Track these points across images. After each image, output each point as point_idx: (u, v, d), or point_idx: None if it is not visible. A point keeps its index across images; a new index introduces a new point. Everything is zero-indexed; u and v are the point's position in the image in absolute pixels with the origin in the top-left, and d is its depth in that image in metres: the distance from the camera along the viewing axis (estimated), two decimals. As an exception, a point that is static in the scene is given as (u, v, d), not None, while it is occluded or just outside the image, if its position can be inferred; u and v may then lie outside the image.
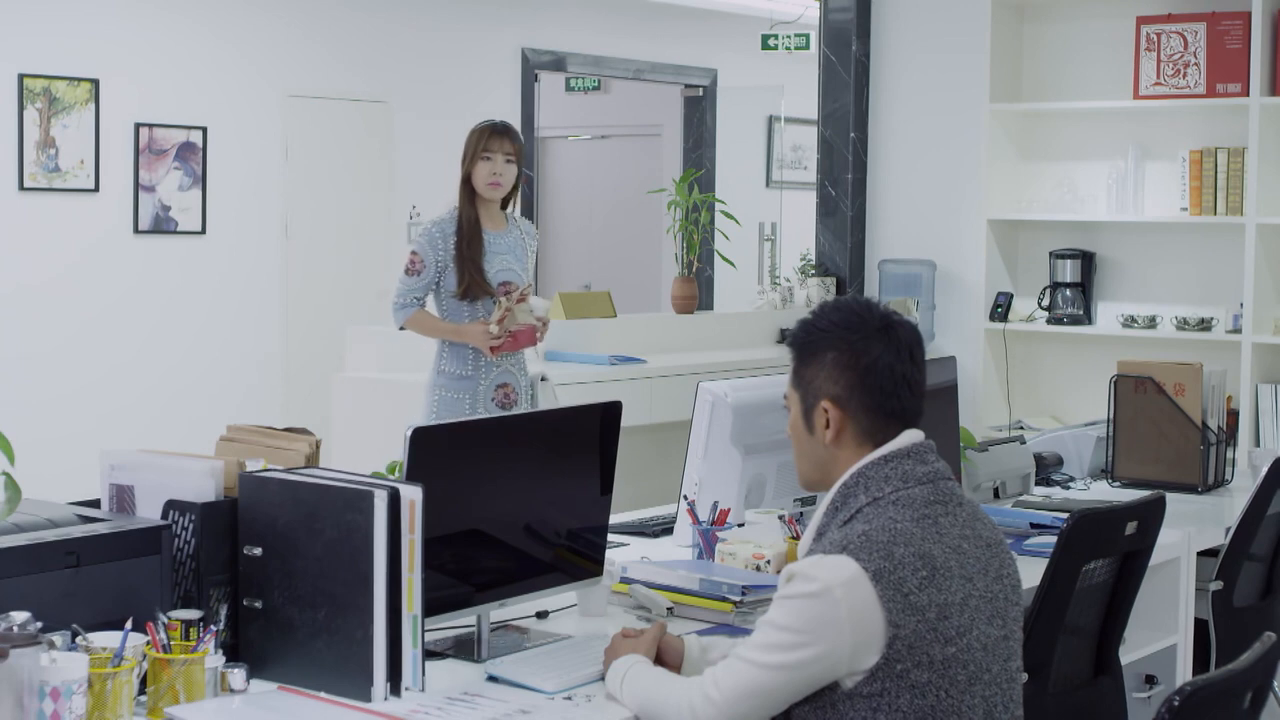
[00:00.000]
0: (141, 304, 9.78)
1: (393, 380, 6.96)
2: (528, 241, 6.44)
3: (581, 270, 13.21)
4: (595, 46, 12.43)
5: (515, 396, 6.23)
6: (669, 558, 4.10)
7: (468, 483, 3.32)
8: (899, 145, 9.10)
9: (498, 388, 6.20)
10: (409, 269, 6.27)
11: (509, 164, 6.32)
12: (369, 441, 6.41)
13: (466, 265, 6.19)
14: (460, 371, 6.19)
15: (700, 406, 4.37)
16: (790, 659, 2.79)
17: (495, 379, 6.19)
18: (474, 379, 6.17)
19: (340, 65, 10.74)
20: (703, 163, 12.90)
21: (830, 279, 9.15)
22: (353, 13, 10.81)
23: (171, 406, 9.73)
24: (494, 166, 6.30)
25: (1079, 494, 5.33)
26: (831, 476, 3.00)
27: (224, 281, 10.17)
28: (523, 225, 6.49)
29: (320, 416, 7.14)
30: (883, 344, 2.99)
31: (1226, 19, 8.11)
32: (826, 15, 9.24)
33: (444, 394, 6.17)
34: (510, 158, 6.32)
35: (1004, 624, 2.95)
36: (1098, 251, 8.64)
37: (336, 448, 6.77)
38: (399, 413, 6.27)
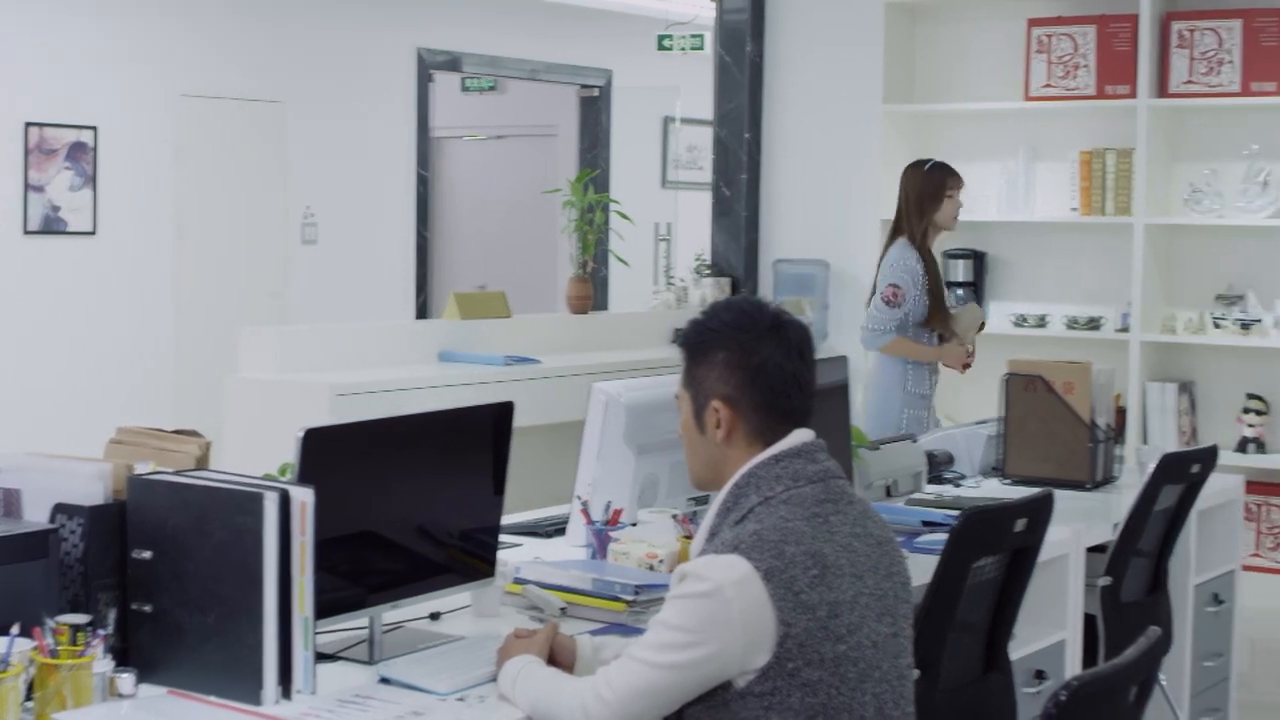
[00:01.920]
0: (31, 305, 9.68)
1: (286, 381, 6.91)
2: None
3: (476, 270, 13.17)
4: (491, 47, 12.41)
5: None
6: (562, 558, 4.10)
7: (360, 484, 3.30)
8: (793, 146, 9.14)
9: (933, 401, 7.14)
10: (889, 300, 6.91)
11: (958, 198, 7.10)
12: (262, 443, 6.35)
13: (936, 298, 6.93)
14: (922, 391, 7.05)
15: (594, 406, 4.37)
16: (682, 658, 2.80)
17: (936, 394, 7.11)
18: (930, 395, 7.09)
19: (233, 65, 10.67)
20: (598, 163, 12.91)
21: (725, 279, 9.17)
22: (246, 13, 10.74)
23: (61, 408, 9.63)
24: (956, 203, 7.06)
25: (970, 491, 5.37)
26: (723, 476, 3.01)
27: (115, 282, 10.08)
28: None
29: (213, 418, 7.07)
30: (773, 343, 3.00)
31: (1115, 21, 8.21)
32: (721, 16, 9.26)
33: (913, 412, 6.97)
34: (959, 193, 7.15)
35: (894, 621, 2.97)
36: (989, 251, 8.72)
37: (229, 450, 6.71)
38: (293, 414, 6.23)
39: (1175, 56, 8.11)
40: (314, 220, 11.16)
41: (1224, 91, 8.00)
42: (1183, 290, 8.30)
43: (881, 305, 6.89)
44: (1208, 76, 8.05)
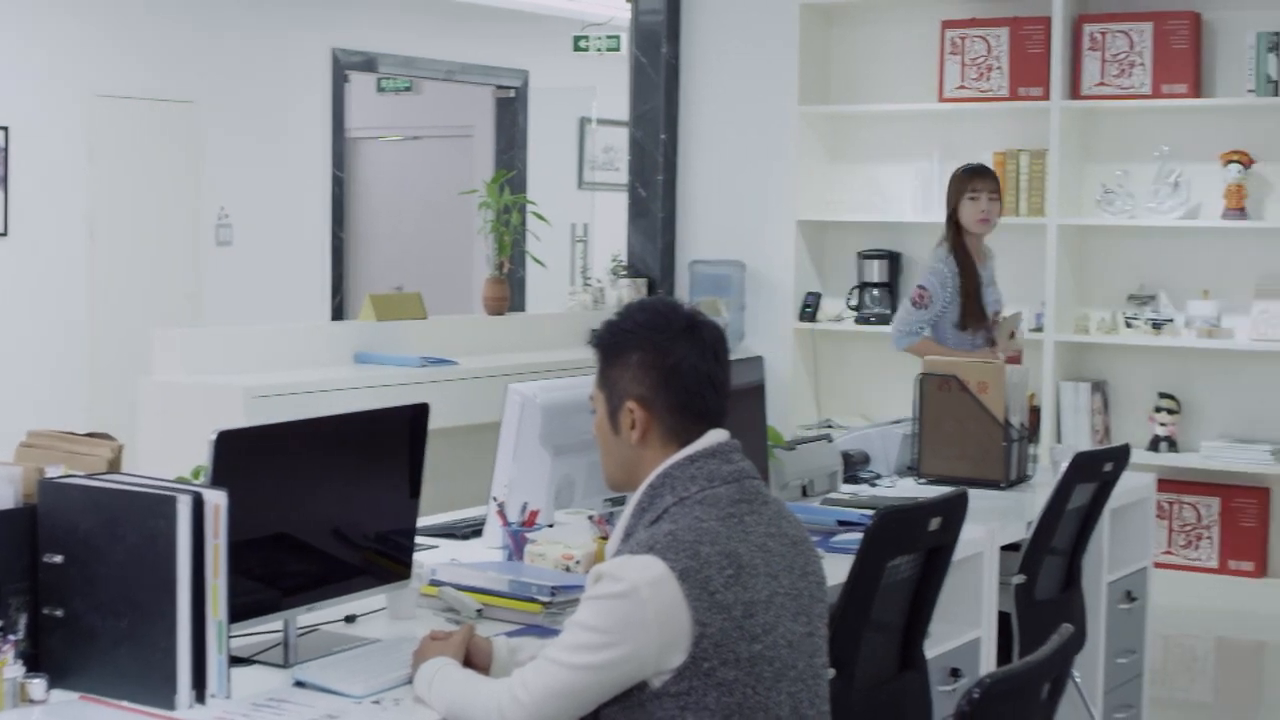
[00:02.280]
0: (-59, 307, 9.58)
1: (201, 384, 6.87)
2: (994, 267, 6.96)
3: (393, 272, 13.13)
4: (406, 47, 12.37)
5: None
6: (479, 559, 4.09)
7: (274, 486, 3.29)
8: (709, 147, 9.16)
9: None
10: (917, 302, 6.77)
11: (993, 201, 6.79)
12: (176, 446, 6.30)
13: (970, 300, 6.74)
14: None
15: (509, 408, 4.37)
16: (598, 659, 2.80)
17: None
18: None
19: (146, 65, 10.58)
20: (514, 164, 12.89)
21: (641, 280, 9.18)
22: (159, 13, 10.66)
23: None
24: (980, 205, 6.77)
25: (885, 491, 5.39)
26: (638, 477, 3.02)
27: (26, 283, 9.98)
28: (989, 253, 6.96)
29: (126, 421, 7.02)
30: (687, 344, 3.01)
31: (1028, 24, 8.28)
32: (637, 17, 9.28)
33: None
34: (994, 196, 6.80)
35: (809, 621, 2.98)
36: (904, 252, 8.77)
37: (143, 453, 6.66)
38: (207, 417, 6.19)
39: (1087, 59, 8.18)
40: (228, 221, 11.09)
41: (1135, 93, 8.07)
42: (1095, 290, 8.38)
43: (909, 306, 6.83)
44: (1119, 78, 8.12)
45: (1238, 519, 7.99)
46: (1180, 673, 7.28)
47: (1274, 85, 7.83)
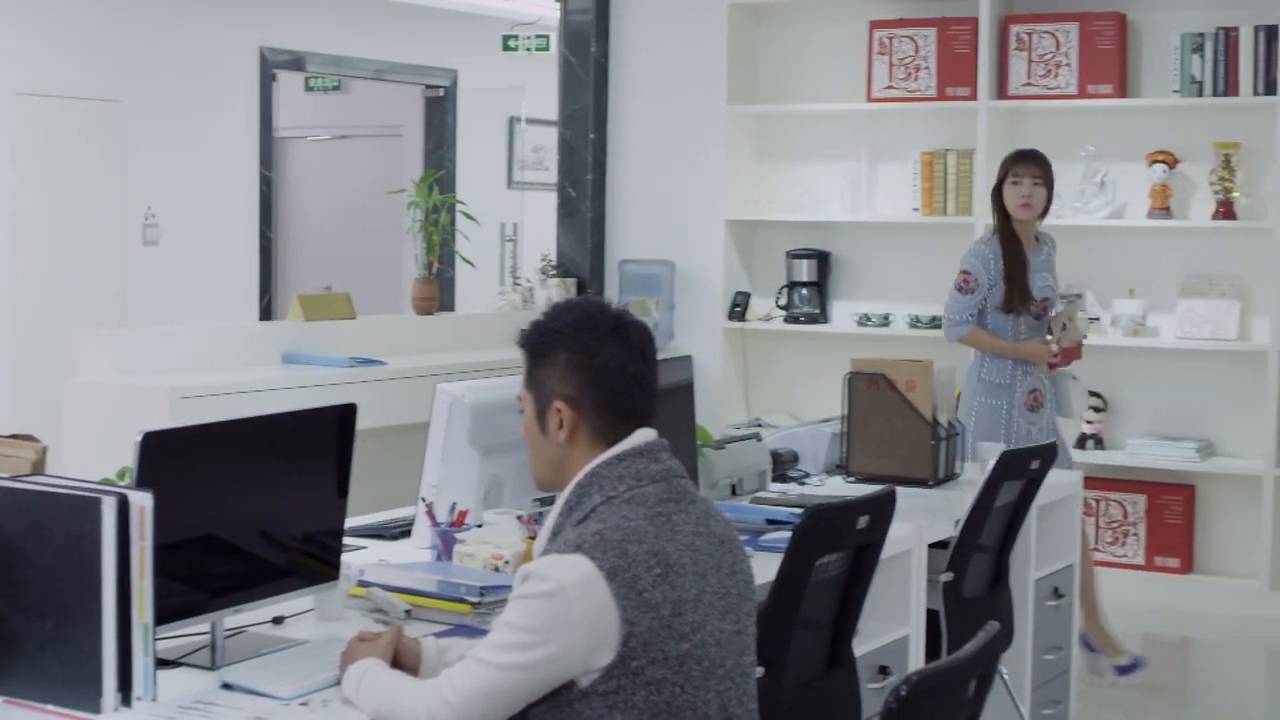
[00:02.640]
0: None
1: (126, 384, 6.82)
2: (1053, 256, 6.77)
3: (321, 272, 13.08)
4: (335, 46, 12.33)
5: (1043, 397, 6.67)
6: (407, 560, 4.08)
7: (200, 488, 3.27)
8: (638, 146, 9.17)
9: (1029, 393, 6.62)
10: (962, 288, 6.60)
11: (1037, 186, 6.58)
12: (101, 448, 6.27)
13: (1013, 282, 6.55)
14: (999, 381, 6.59)
15: (438, 408, 4.36)
16: (525, 659, 2.80)
17: (1028, 385, 6.61)
18: (1010, 387, 6.59)
19: (71, 64, 10.50)
20: (443, 163, 12.86)
21: (571, 279, 9.18)
22: (84, 10, 10.58)
23: (-104, 414, 9.45)
24: (1022, 190, 6.56)
25: (814, 489, 5.40)
26: (566, 476, 3.01)
27: (-50, 284, 9.90)
28: (1048, 241, 6.78)
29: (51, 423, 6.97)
30: (615, 344, 3.01)
31: (955, 24, 8.32)
32: (566, 17, 9.27)
33: (984, 400, 6.60)
34: (1038, 181, 6.59)
35: (737, 619, 2.99)
36: (833, 251, 8.80)
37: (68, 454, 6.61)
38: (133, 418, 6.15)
39: (1014, 59, 8.23)
40: (155, 221, 11.02)
41: (1061, 94, 8.13)
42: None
43: (954, 294, 6.64)
44: (1045, 79, 8.18)
45: (1163, 516, 8.06)
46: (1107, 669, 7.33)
47: (1198, 86, 7.89)
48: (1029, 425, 6.60)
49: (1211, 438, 8.05)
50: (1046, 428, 6.66)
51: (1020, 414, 6.60)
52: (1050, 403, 6.70)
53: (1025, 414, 6.61)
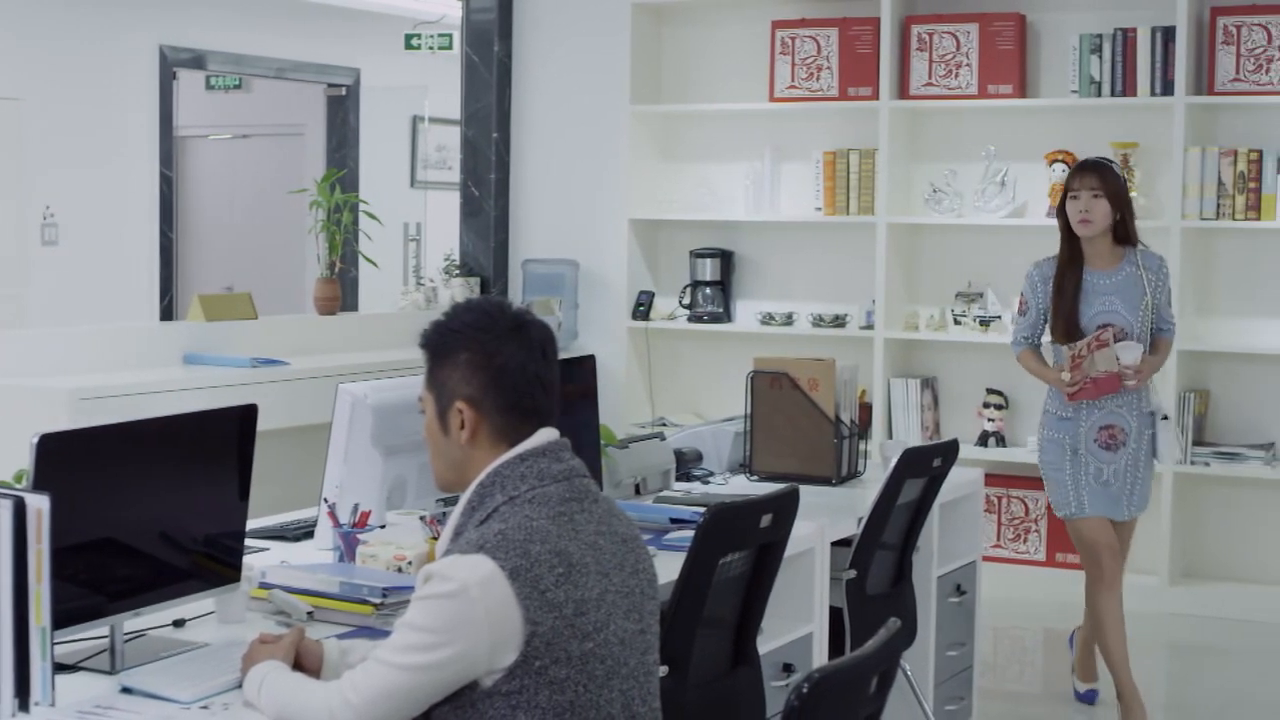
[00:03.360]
0: None
1: (25, 386, 6.74)
2: (1146, 278, 6.13)
3: (223, 272, 12.98)
4: (236, 45, 12.24)
5: (1125, 436, 6.14)
6: (309, 561, 4.06)
7: (99, 490, 3.24)
8: (542, 145, 9.16)
9: (1101, 429, 6.13)
10: (1019, 308, 6.34)
11: (1096, 199, 6.06)
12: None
13: (1056, 309, 6.14)
14: (1061, 412, 6.16)
15: (340, 408, 4.34)
16: (428, 659, 2.79)
17: (1098, 420, 6.12)
18: (1074, 420, 6.12)
19: (-33, 61, 10.39)
20: (346, 162, 12.80)
21: (474, 279, 9.16)
22: (-20, 7, 10.46)
23: None
24: (1080, 204, 6.06)
25: (718, 488, 5.42)
26: (468, 476, 3.01)
27: None
28: (1145, 261, 6.16)
29: (-52, 425, 6.88)
30: (515, 343, 3.00)
31: (857, 24, 8.36)
32: (469, 15, 9.25)
33: (1047, 433, 6.23)
34: (1097, 193, 6.06)
35: (640, 618, 2.99)
36: (736, 250, 8.82)
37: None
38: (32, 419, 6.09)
39: (915, 59, 8.28)
40: (54, 220, 10.91)
41: (962, 94, 8.19)
42: (925, 288, 8.48)
43: (1016, 315, 6.36)
44: (946, 79, 8.23)
45: (1064, 512, 8.12)
46: (1010, 664, 7.39)
47: (1097, 86, 7.97)
48: (1100, 464, 6.12)
49: (1111, 434, 8.12)
50: (1127, 471, 6.14)
51: (1089, 451, 6.11)
52: (1137, 443, 6.13)
53: (1096, 451, 6.12)
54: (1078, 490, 6.14)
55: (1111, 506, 6.16)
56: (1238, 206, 7.78)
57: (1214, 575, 8.01)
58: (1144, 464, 6.19)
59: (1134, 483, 6.16)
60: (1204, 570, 8.02)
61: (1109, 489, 6.14)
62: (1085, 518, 6.15)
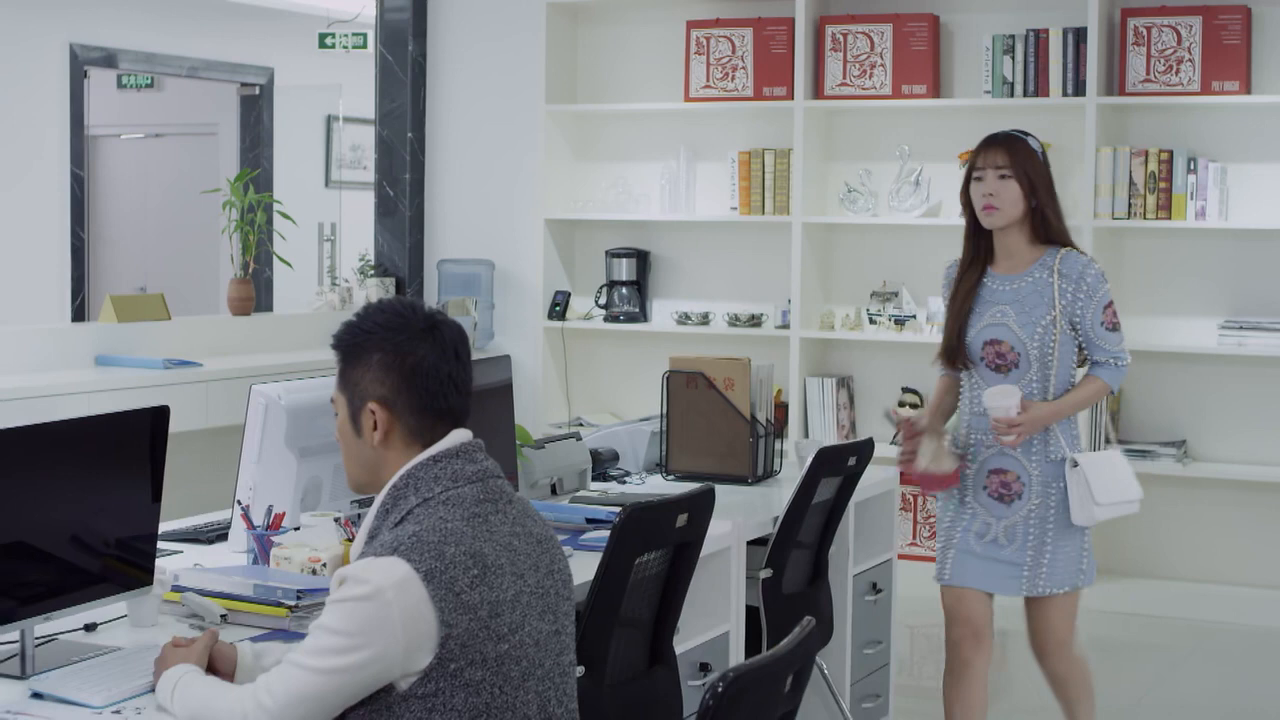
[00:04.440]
0: None
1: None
2: (1060, 287, 4.84)
3: (136, 272, 12.88)
4: (148, 43, 12.14)
5: (1020, 487, 4.91)
6: (223, 564, 4.03)
7: (9, 492, 3.20)
8: (457, 145, 9.14)
9: (991, 473, 4.95)
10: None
11: (1004, 180, 4.85)
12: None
13: (948, 319, 5.01)
14: (976, 409, 4.99)
15: (253, 409, 4.31)
16: (343, 662, 2.78)
17: (988, 461, 4.96)
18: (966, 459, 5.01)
19: (-126, 60, 10.26)
20: (260, 162, 12.72)
21: (390, 279, 9.13)
22: (-114, 5, 10.33)
23: None
24: (985, 186, 4.87)
25: (634, 488, 5.42)
26: (381, 478, 3.00)
27: None
28: (1064, 266, 4.86)
29: None
30: (428, 344, 3.00)
31: (771, 24, 8.38)
32: (383, 15, 9.22)
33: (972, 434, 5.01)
34: (1004, 172, 4.85)
35: (556, 619, 2.99)
36: (652, 250, 8.83)
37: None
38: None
39: (830, 60, 8.31)
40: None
41: (876, 94, 8.22)
42: (840, 287, 8.51)
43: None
44: (861, 79, 8.26)
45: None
46: (925, 661, 7.42)
47: (1009, 86, 8.02)
48: (989, 518, 4.95)
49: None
50: (1028, 533, 4.91)
51: (978, 500, 4.98)
52: (1042, 497, 4.91)
53: (986, 502, 4.97)
54: (946, 550, 5.07)
55: (991, 576, 4.98)
56: (1149, 206, 7.85)
57: (1128, 572, 8.08)
58: (1056, 526, 4.92)
59: (1039, 549, 4.92)
60: (1118, 567, 8.08)
61: (996, 552, 4.96)
62: (948, 586, 5.08)
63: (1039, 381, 4.89)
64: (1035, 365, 4.87)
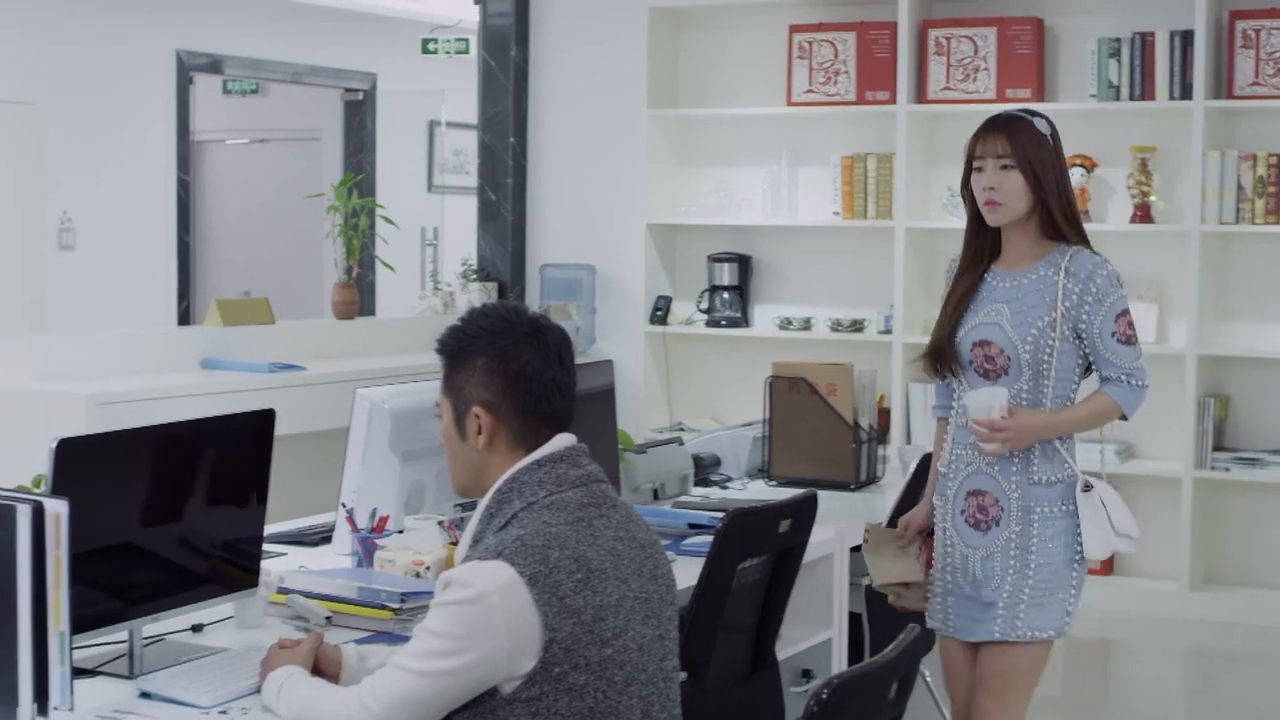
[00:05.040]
0: None
1: (43, 391, 6.75)
2: (1065, 287, 4.15)
3: (240, 276, 13.00)
4: (253, 49, 12.25)
5: (1000, 512, 4.16)
6: (327, 566, 4.06)
7: (118, 495, 3.24)
8: (559, 150, 9.15)
9: (969, 495, 4.21)
10: None
11: (1005, 171, 4.25)
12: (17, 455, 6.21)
13: (940, 319, 4.36)
14: (941, 468, 4.34)
15: (358, 413, 4.34)
16: (447, 665, 2.78)
17: (965, 480, 4.24)
18: (946, 479, 4.29)
19: (-13, 66, 10.40)
20: (363, 167, 12.81)
21: (492, 284, 9.16)
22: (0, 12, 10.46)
23: None
24: (985, 178, 4.29)
25: (736, 493, 5.41)
26: (485, 482, 3.00)
27: None
28: (1072, 265, 4.18)
29: (-34, 429, 6.89)
30: (532, 348, 3.00)
31: (875, 29, 8.34)
32: (485, 20, 9.25)
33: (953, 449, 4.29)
34: (1006, 162, 4.25)
35: (659, 624, 2.98)
36: (754, 255, 8.81)
37: (-16, 461, 6.54)
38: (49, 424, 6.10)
39: (933, 63, 8.26)
40: (71, 225, 10.92)
41: (980, 98, 8.16)
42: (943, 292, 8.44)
43: None
44: (964, 83, 8.21)
45: (1083, 517, 8.08)
46: (1028, 670, 7.36)
47: (1115, 90, 7.95)
48: (967, 549, 4.21)
49: (1131, 440, 8.10)
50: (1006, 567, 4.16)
51: (956, 527, 4.25)
52: (1022, 525, 4.16)
53: (963, 529, 4.23)
54: (932, 586, 4.36)
55: (966, 621, 4.24)
56: (1257, 210, 7.76)
57: (1234, 581, 7.98)
58: (1040, 559, 4.14)
59: (1018, 584, 4.14)
60: (1224, 576, 7.99)
61: (975, 590, 4.20)
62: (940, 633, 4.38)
63: (1030, 392, 4.16)
64: (1027, 373, 4.16)
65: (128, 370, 7.16)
